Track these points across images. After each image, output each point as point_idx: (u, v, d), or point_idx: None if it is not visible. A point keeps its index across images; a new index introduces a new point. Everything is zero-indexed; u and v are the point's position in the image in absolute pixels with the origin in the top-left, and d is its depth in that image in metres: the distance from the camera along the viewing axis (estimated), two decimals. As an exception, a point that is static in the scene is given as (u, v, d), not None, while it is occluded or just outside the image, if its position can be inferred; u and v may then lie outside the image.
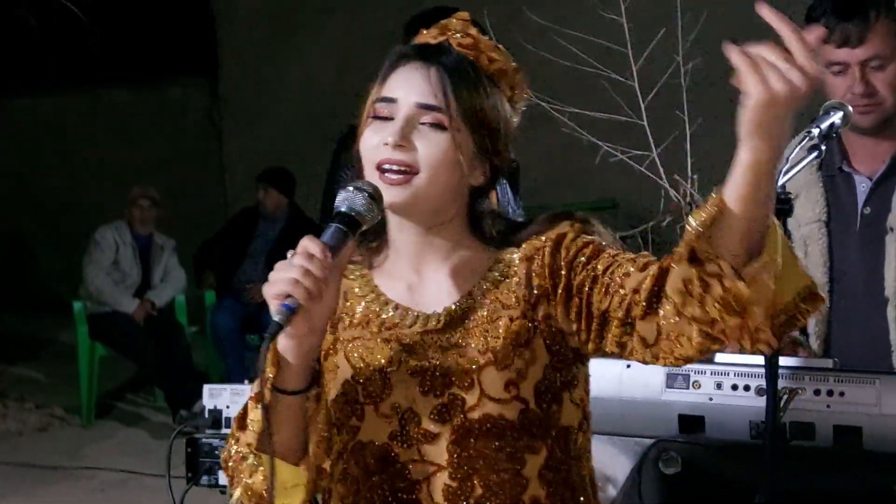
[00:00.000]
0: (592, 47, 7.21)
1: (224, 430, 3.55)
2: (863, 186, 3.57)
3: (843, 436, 2.99)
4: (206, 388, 3.62)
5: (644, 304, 2.08)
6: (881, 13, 3.43)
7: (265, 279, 7.58)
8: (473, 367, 2.20)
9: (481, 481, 2.20)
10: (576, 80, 7.42)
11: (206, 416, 3.59)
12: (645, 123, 6.86)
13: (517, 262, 2.25)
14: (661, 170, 6.80)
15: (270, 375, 2.13)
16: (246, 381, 3.65)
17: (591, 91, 7.35)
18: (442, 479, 2.20)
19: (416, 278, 2.29)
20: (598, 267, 2.18)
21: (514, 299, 2.23)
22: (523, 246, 2.26)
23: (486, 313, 2.23)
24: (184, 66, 13.14)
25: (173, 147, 12.84)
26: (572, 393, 2.26)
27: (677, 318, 2.03)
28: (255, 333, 9.50)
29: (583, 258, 2.20)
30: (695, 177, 6.77)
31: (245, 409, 2.23)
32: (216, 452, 3.53)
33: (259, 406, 2.14)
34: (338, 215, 2.14)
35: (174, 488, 3.58)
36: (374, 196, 2.16)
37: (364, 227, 2.17)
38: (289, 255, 2.09)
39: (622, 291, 2.13)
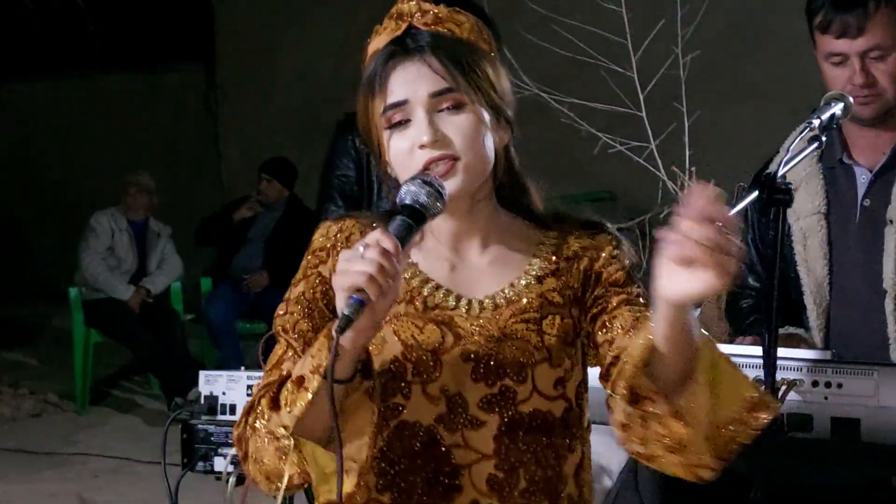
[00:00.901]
0: (592, 38, 7.21)
1: (220, 417, 3.55)
2: (863, 178, 3.55)
3: (841, 428, 2.99)
4: (202, 374, 3.63)
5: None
6: (881, 3, 3.41)
7: (263, 268, 7.62)
8: (530, 361, 2.21)
9: (527, 474, 2.21)
10: (575, 70, 7.41)
11: (202, 402, 3.59)
12: (644, 115, 6.86)
13: (558, 261, 2.30)
14: (660, 161, 6.79)
15: (334, 363, 2.04)
16: (242, 368, 3.64)
17: (590, 82, 7.35)
18: (487, 469, 2.20)
19: (457, 259, 2.29)
20: (613, 301, 2.26)
21: (559, 298, 2.26)
22: (564, 246, 2.31)
23: (535, 308, 2.25)
24: (181, 53, 13.13)
25: (170, 133, 12.84)
26: (586, 393, 2.32)
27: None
28: (248, 321, 9.49)
29: (613, 282, 2.28)
30: (693, 169, 6.77)
31: (279, 388, 2.16)
32: (212, 438, 3.54)
33: (301, 390, 2.09)
34: (404, 208, 2.12)
35: (169, 475, 3.57)
36: (439, 189, 2.15)
37: (429, 219, 2.15)
38: (358, 246, 2.03)
39: (610, 345, 2.22)
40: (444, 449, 2.21)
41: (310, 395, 2.07)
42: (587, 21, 7.34)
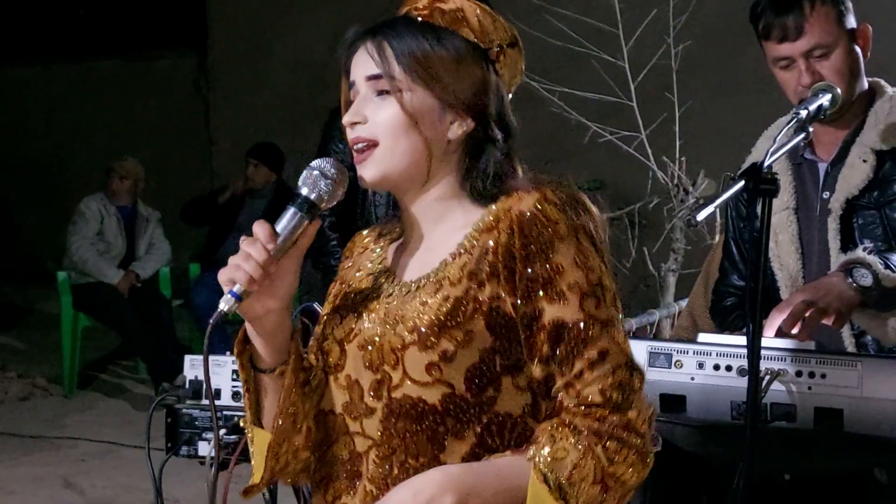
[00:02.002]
0: (583, 27, 7.22)
1: (204, 402, 3.54)
2: (823, 172, 3.59)
3: (824, 418, 2.98)
4: (188, 358, 3.62)
5: None
6: (815, 2, 3.43)
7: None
8: (399, 346, 2.16)
9: (398, 463, 2.18)
10: (566, 59, 7.42)
11: (187, 386, 3.59)
12: (634, 104, 6.87)
13: (478, 230, 2.19)
14: (650, 151, 6.81)
15: (239, 353, 2.20)
16: (227, 353, 3.63)
17: (582, 71, 7.36)
18: (373, 456, 2.21)
19: (414, 245, 2.29)
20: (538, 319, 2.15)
21: (459, 274, 2.17)
22: (490, 210, 2.19)
23: (432, 290, 2.18)
24: (173, 38, 13.10)
25: (161, 118, 12.81)
26: (516, 377, 2.17)
27: None
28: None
29: (535, 266, 2.13)
30: (683, 159, 6.78)
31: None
32: (196, 423, 3.53)
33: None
34: (295, 197, 2.17)
35: (154, 460, 3.57)
36: (333, 176, 2.17)
37: (324, 207, 2.17)
38: (241, 241, 2.12)
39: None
40: (349, 437, 2.24)
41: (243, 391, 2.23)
42: (579, 11, 7.36)
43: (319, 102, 11.79)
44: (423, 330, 2.13)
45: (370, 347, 2.19)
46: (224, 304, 2.07)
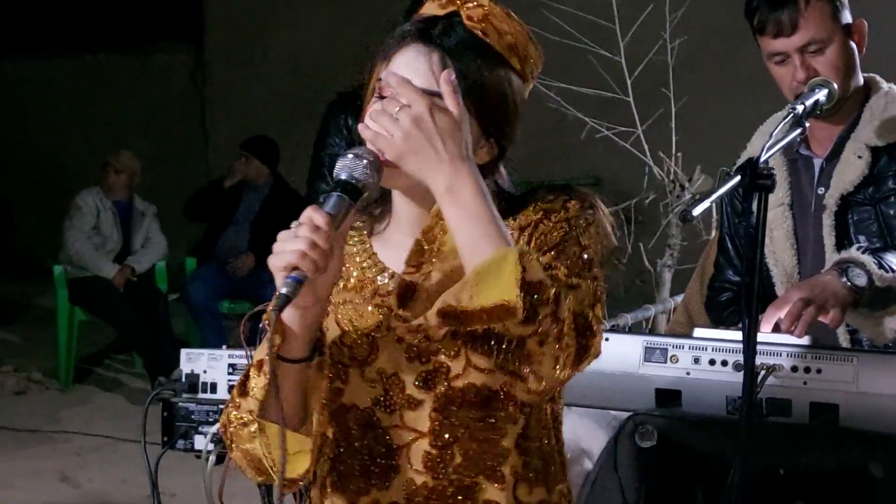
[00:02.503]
0: (580, 22, 7.21)
1: (200, 395, 3.55)
2: (819, 168, 3.59)
3: (819, 413, 2.99)
4: (184, 352, 3.62)
5: None
6: None
7: (248, 250, 7.59)
8: (462, 336, 2.16)
9: (461, 450, 2.19)
10: (563, 55, 7.41)
11: (183, 380, 3.59)
12: (631, 100, 6.87)
13: (511, 230, 2.20)
14: (646, 147, 6.81)
15: (277, 343, 2.10)
16: (224, 347, 3.64)
17: (578, 67, 7.35)
18: (422, 447, 2.20)
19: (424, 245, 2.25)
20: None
21: None
22: (519, 216, 2.22)
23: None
24: (169, 32, 13.10)
25: (157, 112, 12.82)
26: None
27: None
28: (232, 301, 9.50)
29: (544, 241, 2.18)
30: (679, 155, 6.78)
31: (246, 377, 2.21)
32: (192, 417, 3.54)
33: (261, 374, 2.14)
34: (339, 183, 2.11)
35: (150, 454, 3.58)
36: (374, 164, 2.12)
37: (365, 195, 2.14)
38: (293, 225, 2.06)
39: None
40: (380, 430, 2.22)
41: (265, 378, 2.11)
42: (576, 6, 7.36)
43: (316, 96, 11.82)
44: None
45: (416, 340, 2.19)
46: (287, 289, 2.00)
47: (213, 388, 3.54)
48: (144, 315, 9.18)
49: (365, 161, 2.12)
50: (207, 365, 3.56)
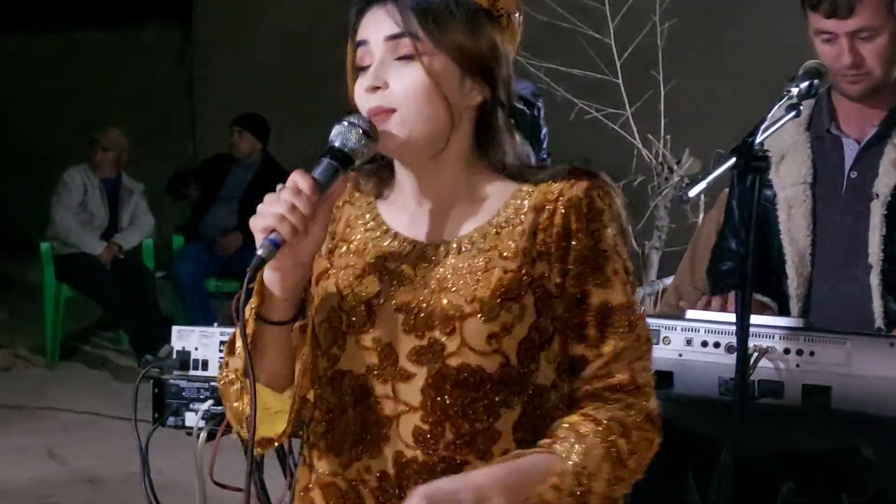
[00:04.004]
0: (570, 3, 7.22)
1: (192, 372, 3.55)
2: (850, 150, 3.55)
3: (812, 395, 3.01)
4: (175, 329, 3.62)
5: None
6: None
7: (237, 228, 7.64)
8: (457, 314, 2.16)
9: (453, 428, 2.18)
10: (552, 35, 7.41)
11: (174, 357, 3.58)
12: (620, 82, 6.88)
13: (526, 209, 2.21)
14: (635, 129, 6.82)
15: (254, 305, 2.13)
16: (215, 324, 3.64)
17: (568, 47, 7.35)
18: (413, 421, 2.19)
19: (420, 209, 2.26)
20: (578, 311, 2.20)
21: (513, 249, 2.19)
22: (535, 193, 2.21)
23: (482, 261, 2.19)
24: (157, 9, 13.06)
25: (144, 90, 12.78)
26: (548, 352, 2.22)
27: None
28: (219, 279, 9.51)
29: (581, 259, 2.19)
30: (668, 137, 6.80)
31: (234, 336, 2.23)
32: (183, 394, 3.53)
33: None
34: (330, 150, 2.13)
35: (140, 431, 3.58)
36: (369, 132, 2.14)
37: (357, 163, 2.15)
38: (278, 188, 2.08)
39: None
40: (374, 400, 2.22)
41: (244, 345, 2.13)
42: (566, -14, 7.35)
43: (304, 74, 11.80)
44: (485, 300, 2.16)
45: (413, 312, 2.19)
46: (263, 251, 2.04)
47: (205, 365, 3.53)
48: (131, 292, 9.16)
49: (360, 130, 2.13)
50: (199, 342, 3.56)
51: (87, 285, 9.26)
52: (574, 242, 2.18)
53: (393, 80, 2.17)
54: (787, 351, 3.03)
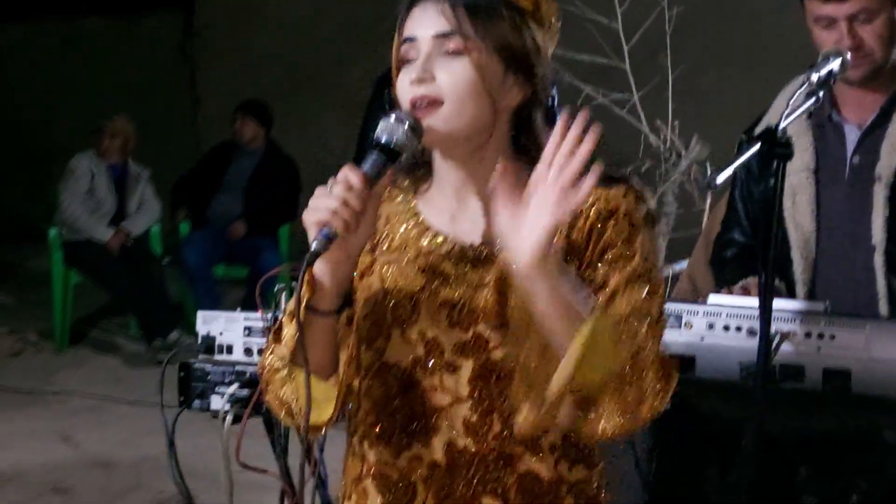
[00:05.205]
0: (578, -13, 7.21)
1: (217, 356, 3.59)
2: (852, 136, 3.61)
3: (832, 378, 3.05)
4: (200, 314, 3.66)
5: None
6: None
7: (243, 215, 7.64)
8: (500, 309, 2.22)
9: (501, 419, 2.24)
10: (560, 20, 7.43)
11: (200, 341, 3.63)
12: (627, 67, 6.89)
13: None
14: (642, 115, 6.83)
15: (305, 296, 2.17)
16: (238, 309, 3.68)
17: (575, 33, 7.36)
18: (462, 411, 2.25)
19: (458, 206, 2.31)
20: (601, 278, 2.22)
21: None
22: None
23: None
24: (159, -3, 13.08)
25: (146, 78, 12.77)
26: None
27: None
28: (226, 265, 9.54)
29: (608, 244, 2.22)
30: (675, 122, 6.81)
31: (280, 324, 2.29)
32: (209, 377, 3.57)
33: (292, 323, 2.20)
34: (377, 145, 2.18)
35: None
36: (415, 126, 2.18)
37: (403, 157, 2.20)
38: (329, 182, 2.13)
39: None
40: (421, 391, 2.27)
41: (293, 326, 2.19)
42: (574, -30, 7.35)
43: (306, 62, 11.82)
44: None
45: (457, 307, 2.24)
46: (317, 244, 2.09)
47: (230, 349, 3.58)
48: (139, 278, 9.19)
49: (406, 124, 2.18)
50: (224, 327, 3.61)
51: (96, 271, 9.28)
52: (600, 242, 2.22)
53: (440, 73, 2.21)
54: (808, 335, 3.07)
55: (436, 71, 2.21)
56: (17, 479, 6.44)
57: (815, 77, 3.19)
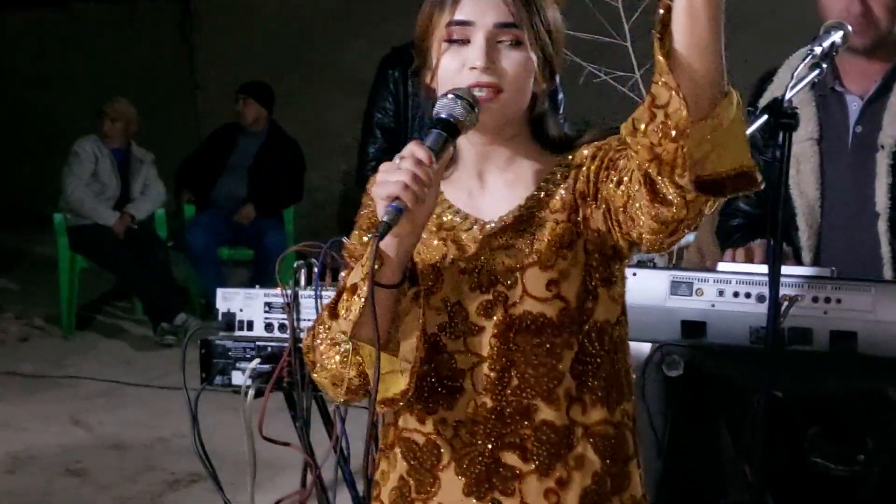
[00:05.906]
0: (577, -35, 7.24)
1: (238, 333, 3.66)
2: (854, 105, 3.68)
3: (838, 340, 3.13)
4: (220, 291, 3.73)
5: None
6: None
7: (248, 198, 7.65)
8: (518, 265, 2.32)
9: (518, 374, 2.32)
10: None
11: (220, 318, 3.70)
12: (628, 44, 6.93)
13: (569, 171, 2.35)
14: (644, 92, 6.87)
15: (377, 267, 2.21)
16: (256, 287, 3.75)
17: (574, 9, 7.40)
18: (482, 370, 2.34)
19: (478, 186, 2.41)
20: (613, 156, 2.27)
21: (560, 204, 2.34)
22: (576, 156, 2.35)
23: (533, 221, 2.34)
24: (158, -19, 13.09)
25: (145, 61, 12.81)
26: (611, 289, 2.37)
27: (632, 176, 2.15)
28: (231, 248, 9.60)
29: (610, 155, 2.28)
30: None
31: (337, 299, 2.33)
32: (230, 354, 3.64)
33: (356, 296, 2.25)
34: (439, 121, 2.24)
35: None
36: (472, 103, 2.26)
37: (462, 133, 2.27)
38: (396, 158, 2.19)
39: (619, 185, 2.22)
40: (446, 355, 2.35)
41: (361, 300, 2.23)
42: (573, -52, 7.39)
43: (305, 46, 11.86)
44: (542, 251, 2.30)
45: (477, 271, 2.33)
46: (388, 217, 2.14)
47: (250, 325, 3.65)
48: (144, 262, 9.24)
49: (465, 101, 2.25)
50: (243, 303, 3.67)
51: (101, 256, 9.33)
52: (599, 172, 2.27)
53: (503, 63, 2.30)
54: (815, 299, 3.15)
55: (497, 59, 2.30)
56: (32, 461, 6.51)
57: (818, 49, 3.26)
